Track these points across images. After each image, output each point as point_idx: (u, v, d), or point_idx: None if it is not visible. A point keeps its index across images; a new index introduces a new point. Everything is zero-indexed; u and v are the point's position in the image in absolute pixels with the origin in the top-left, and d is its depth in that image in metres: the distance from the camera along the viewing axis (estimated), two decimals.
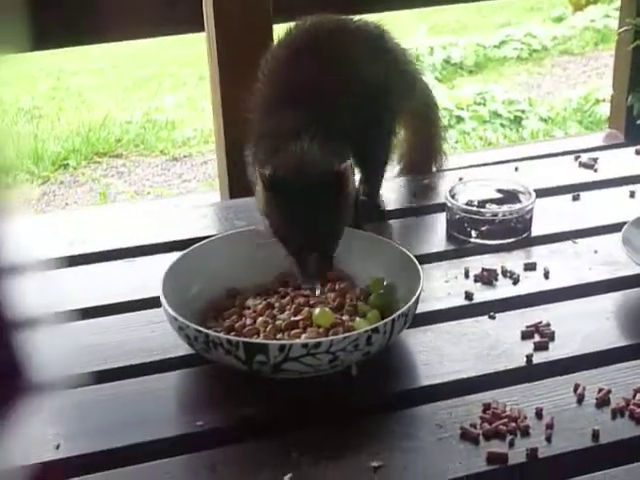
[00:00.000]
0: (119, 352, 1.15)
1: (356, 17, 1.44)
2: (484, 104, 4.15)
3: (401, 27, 4.80)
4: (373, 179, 1.46)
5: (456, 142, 3.88)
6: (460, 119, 4.04)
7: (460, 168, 1.68)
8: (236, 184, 1.71)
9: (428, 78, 4.43)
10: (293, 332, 1.11)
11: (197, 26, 1.72)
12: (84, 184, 3.70)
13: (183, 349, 1.13)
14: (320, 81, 1.28)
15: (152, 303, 1.18)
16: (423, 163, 1.62)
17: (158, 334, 1.17)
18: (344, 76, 1.31)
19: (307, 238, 1.16)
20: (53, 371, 0.46)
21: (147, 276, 1.28)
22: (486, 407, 1.03)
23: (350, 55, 1.35)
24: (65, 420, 1.01)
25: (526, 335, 1.16)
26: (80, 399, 1.06)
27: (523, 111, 4.11)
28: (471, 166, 1.70)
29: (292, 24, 1.39)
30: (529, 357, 1.12)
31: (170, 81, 4.72)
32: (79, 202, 3.54)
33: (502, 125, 4.03)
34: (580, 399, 1.04)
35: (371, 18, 1.47)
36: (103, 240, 1.42)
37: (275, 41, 1.52)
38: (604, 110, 3.94)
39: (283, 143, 1.20)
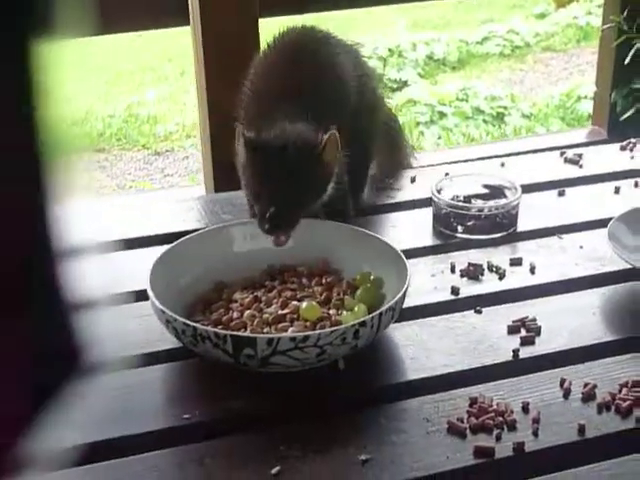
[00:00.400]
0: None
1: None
2: (467, 100, 4.15)
3: (382, 23, 4.81)
4: (357, 180, 1.46)
5: (439, 138, 3.88)
6: (443, 115, 4.05)
7: (445, 163, 1.68)
8: (220, 178, 1.71)
9: (411, 73, 4.46)
10: (280, 326, 1.11)
11: (182, 20, 1.71)
12: None
13: (170, 342, 1.12)
14: (307, 85, 1.31)
15: (139, 296, 1.18)
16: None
17: (145, 327, 1.17)
18: (330, 81, 1.34)
19: (277, 198, 1.20)
20: (105, 352, 0.46)
21: (134, 269, 1.27)
22: (473, 401, 1.03)
23: (335, 63, 1.38)
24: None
25: (512, 330, 1.16)
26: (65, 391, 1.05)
27: (505, 107, 4.12)
28: (456, 161, 1.71)
29: (283, 29, 1.41)
30: (515, 352, 1.12)
31: (152, 75, 4.70)
32: None
33: (484, 121, 4.03)
34: (566, 394, 1.05)
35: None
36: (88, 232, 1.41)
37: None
38: (586, 107, 3.95)
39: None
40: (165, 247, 1.22)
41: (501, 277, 1.29)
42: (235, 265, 1.23)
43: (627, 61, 1.80)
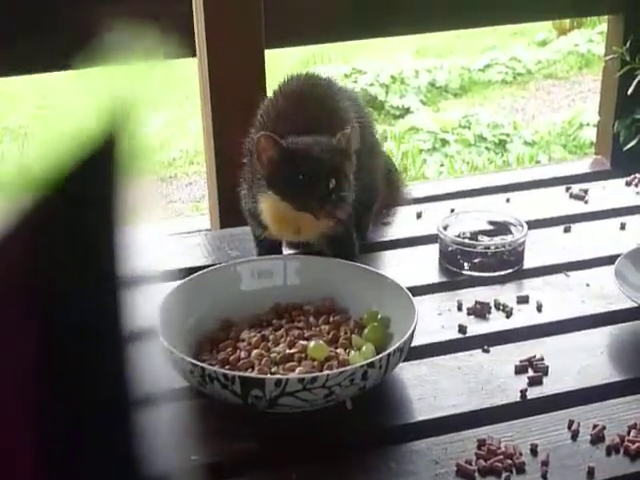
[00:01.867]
0: None
1: None
2: (469, 127, 4.17)
3: (386, 50, 4.82)
4: (362, 219, 1.46)
5: (441, 165, 3.89)
6: (445, 142, 4.06)
7: (451, 197, 1.68)
8: (226, 210, 1.70)
9: (413, 100, 4.47)
10: (288, 365, 1.11)
11: (188, 51, 1.72)
12: None
13: (176, 382, 1.12)
14: (314, 129, 1.32)
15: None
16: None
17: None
18: (336, 124, 1.35)
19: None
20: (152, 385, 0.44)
21: (139, 306, 1.27)
22: (481, 443, 1.03)
23: (339, 108, 1.41)
24: None
25: (520, 369, 1.16)
26: None
27: (508, 135, 4.13)
28: (462, 192, 1.71)
29: (288, 75, 1.44)
30: (523, 392, 1.12)
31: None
32: None
33: (487, 149, 4.04)
34: (574, 435, 1.04)
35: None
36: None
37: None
38: (588, 134, 3.96)
39: None
40: (171, 285, 1.21)
41: (508, 315, 1.29)
42: (242, 303, 1.22)
43: (630, 91, 1.81)
